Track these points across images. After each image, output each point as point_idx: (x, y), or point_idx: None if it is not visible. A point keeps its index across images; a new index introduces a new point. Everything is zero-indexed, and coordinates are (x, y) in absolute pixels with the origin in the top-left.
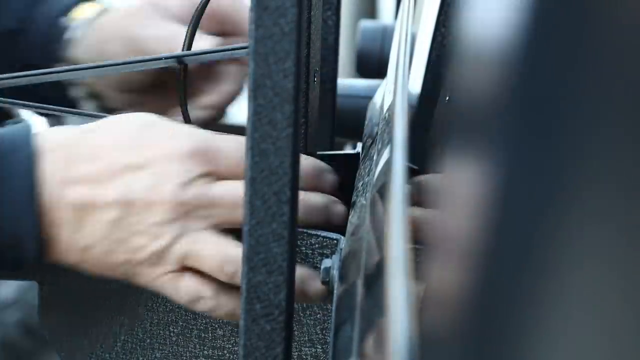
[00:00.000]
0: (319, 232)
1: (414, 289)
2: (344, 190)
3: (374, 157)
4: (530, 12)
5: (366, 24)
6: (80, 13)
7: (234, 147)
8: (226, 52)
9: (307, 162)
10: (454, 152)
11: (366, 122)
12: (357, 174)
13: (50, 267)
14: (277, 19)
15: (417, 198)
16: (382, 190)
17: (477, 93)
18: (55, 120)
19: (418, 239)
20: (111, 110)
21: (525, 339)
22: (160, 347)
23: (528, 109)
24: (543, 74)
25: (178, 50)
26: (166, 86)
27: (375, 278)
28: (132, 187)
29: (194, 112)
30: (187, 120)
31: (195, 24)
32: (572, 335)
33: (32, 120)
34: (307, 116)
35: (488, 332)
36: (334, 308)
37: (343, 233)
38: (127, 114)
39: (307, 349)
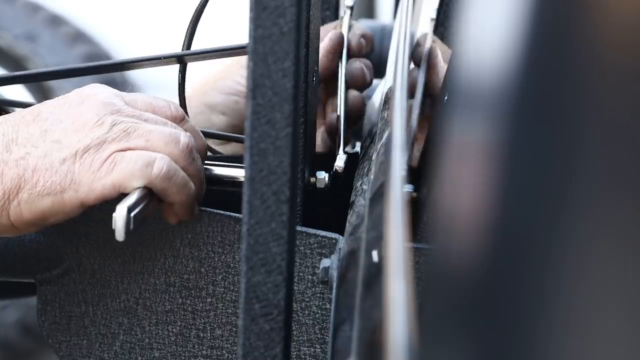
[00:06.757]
0: (318, 232)
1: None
2: (343, 190)
3: (373, 157)
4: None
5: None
6: None
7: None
8: (225, 51)
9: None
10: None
11: (365, 122)
12: (356, 174)
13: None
14: (276, 19)
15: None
16: (380, 190)
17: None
18: None
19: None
20: None
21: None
22: (159, 347)
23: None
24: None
25: None
26: None
27: (374, 277)
28: None
29: None
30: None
31: (194, 23)
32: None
33: None
34: (306, 116)
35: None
36: (332, 308)
37: (342, 232)
38: None
39: (305, 348)
